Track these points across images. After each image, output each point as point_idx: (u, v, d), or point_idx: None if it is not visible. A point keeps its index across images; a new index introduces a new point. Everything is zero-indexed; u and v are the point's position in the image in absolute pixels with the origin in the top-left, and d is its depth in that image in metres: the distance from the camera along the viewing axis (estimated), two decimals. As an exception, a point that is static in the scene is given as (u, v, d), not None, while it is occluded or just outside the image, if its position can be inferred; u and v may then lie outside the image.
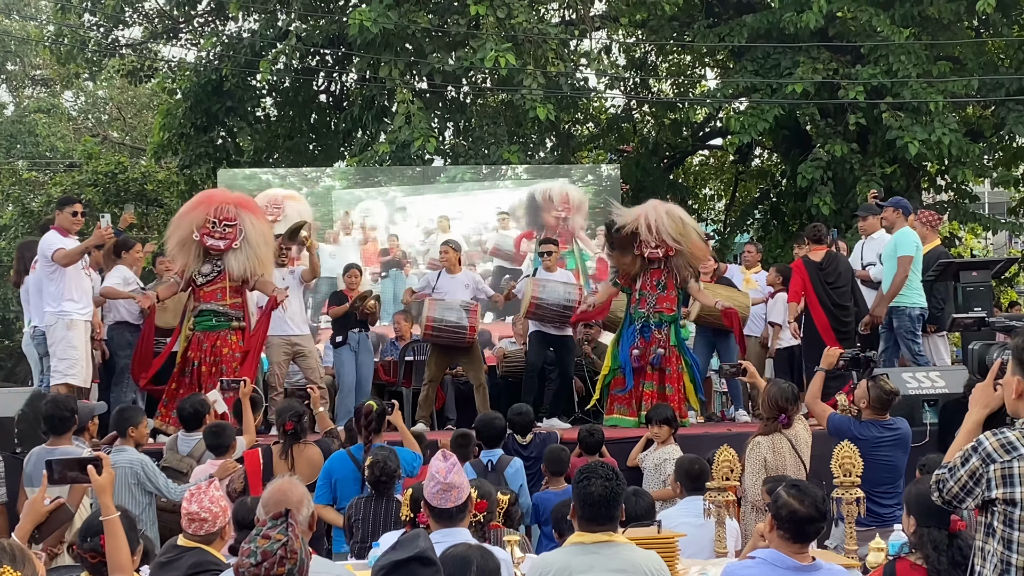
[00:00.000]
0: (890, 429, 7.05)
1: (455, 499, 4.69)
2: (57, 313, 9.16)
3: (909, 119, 15.85)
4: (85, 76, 25.27)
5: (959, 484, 3.72)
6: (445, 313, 10.72)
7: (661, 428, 8.65)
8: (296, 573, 3.38)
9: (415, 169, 16.16)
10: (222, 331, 9.84)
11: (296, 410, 7.44)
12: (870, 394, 7.09)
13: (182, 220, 10.00)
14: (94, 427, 7.94)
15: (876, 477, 6.70)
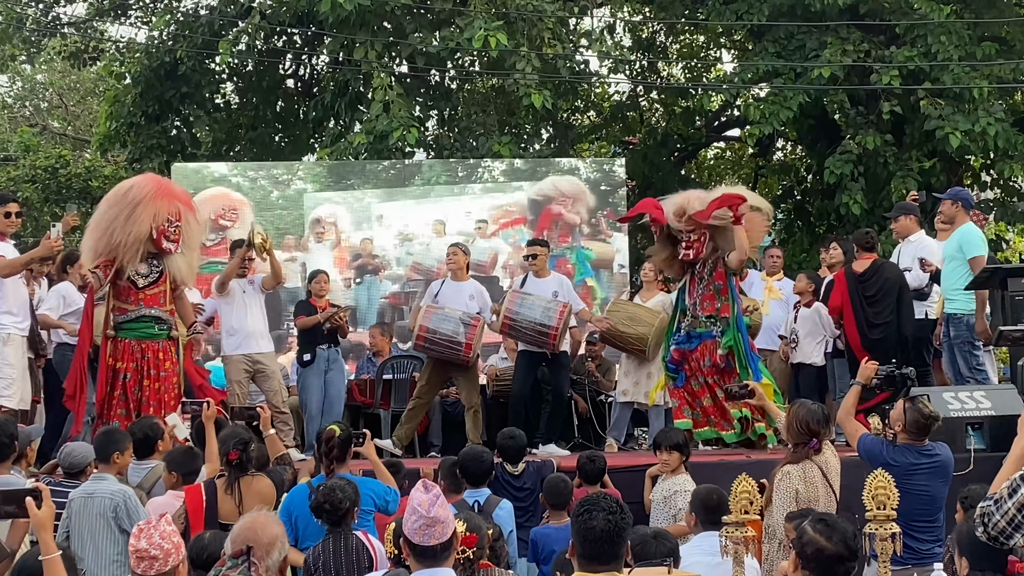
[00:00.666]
0: (927, 456, 7.01)
1: (439, 535, 4.68)
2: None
3: (950, 107, 15.88)
4: (22, 59, 25.22)
5: (1006, 518, 3.73)
6: (441, 324, 10.71)
7: (671, 455, 8.57)
8: (259, 618, 3.38)
9: (393, 165, 16.16)
10: (162, 340, 9.65)
11: (241, 437, 7.34)
12: (906, 417, 7.06)
13: (138, 209, 9.52)
14: (32, 454, 7.93)
15: (912, 509, 6.67)
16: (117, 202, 9.57)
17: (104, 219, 9.49)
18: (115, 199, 9.62)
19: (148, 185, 9.78)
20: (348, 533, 6.42)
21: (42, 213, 23.73)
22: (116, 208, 9.51)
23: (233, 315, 11.02)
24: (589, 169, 16.81)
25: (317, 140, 21.13)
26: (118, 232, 9.40)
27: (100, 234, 9.46)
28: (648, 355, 11.33)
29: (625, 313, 11.47)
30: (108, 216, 9.48)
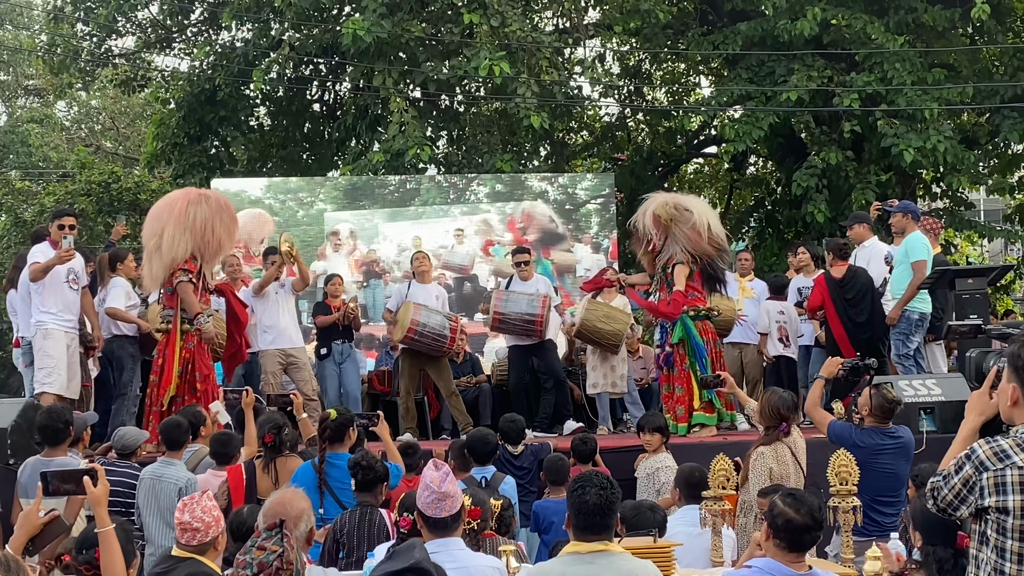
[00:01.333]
0: (892, 437, 7.04)
1: (449, 509, 4.70)
2: (35, 324, 9.30)
3: (904, 126, 15.88)
4: (78, 86, 25.23)
5: (953, 492, 3.73)
6: (430, 318, 10.76)
7: (653, 436, 8.63)
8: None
9: (397, 188, 16.26)
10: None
11: (275, 422, 7.40)
12: (872, 402, 7.08)
13: (232, 224, 9.92)
14: (87, 438, 7.95)
15: (877, 486, 6.69)
16: (223, 218, 9.82)
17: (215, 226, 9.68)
18: (221, 215, 9.80)
19: (224, 206, 9.98)
20: (375, 507, 6.43)
21: (96, 223, 23.75)
22: (220, 221, 9.76)
23: (267, 314, 11.04)
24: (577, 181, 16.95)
25: (340, 158, 21.09)
26: (224, 238, 9.81)
27: (222, 239, 9.73)
28: (620, 351, 11.37)
29: (602, 312, 11.47)
30: (213, 223, 9.68)
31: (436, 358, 10.99)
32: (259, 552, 3.39)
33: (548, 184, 16.73)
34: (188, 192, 10.06)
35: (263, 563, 3.35)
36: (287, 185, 16.67)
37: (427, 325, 10.70)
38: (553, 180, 17.02)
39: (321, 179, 18.19)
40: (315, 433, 8.00)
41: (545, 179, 17.15)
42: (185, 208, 9.69)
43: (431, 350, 10.86)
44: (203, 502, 5.02)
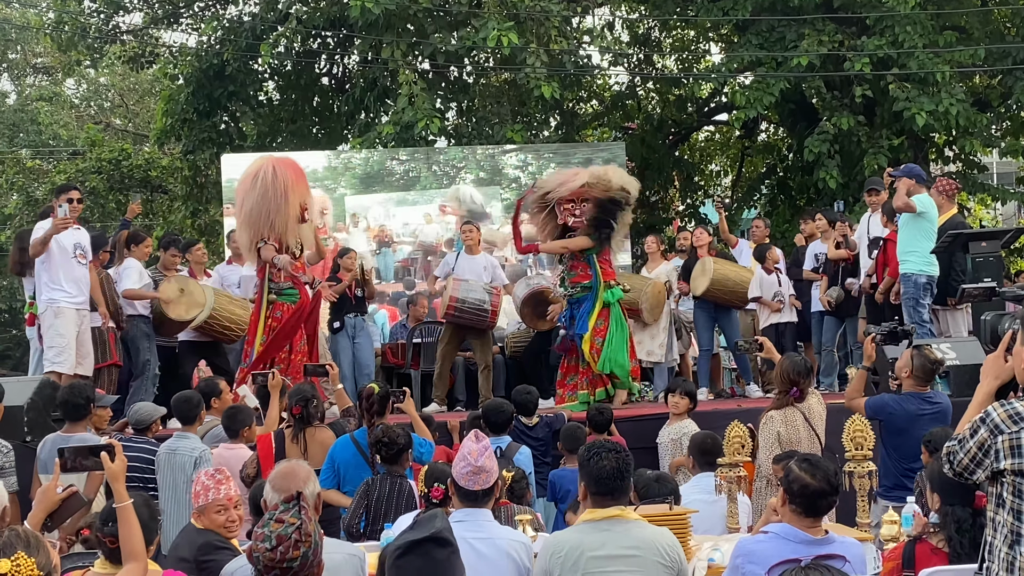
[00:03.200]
0: (930, 403, 6.92)
1: (483, 482, 4.72)
2: (47, 301, 9.17)
3: (916, 90, 15.79)
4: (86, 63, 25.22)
5: (968, 455, 3.72)
6: (469, 293, 10.75)
7: (683, 399, 8.64)
8: (311, 555, 3.40)
9: (404, 174, 16.43)
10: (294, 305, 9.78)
11: (303, 395, 7.43)
12: (913, 363, 6.95)
13: (296, 187, 9.75)
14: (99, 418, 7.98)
15: (915, 453, 6.57)
16: (288, 188, 9.65)
17: (261, 204, 9.57)
18: (287, 184, 9.67)
19: (290, 170, 9.84)
20: (403, 476, 6.45)
21: (107, 200, 23.81)
22: (285, 190, 9.60)
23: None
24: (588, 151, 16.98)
25: (350, 131, 21.09)
26: (285, 212, 9.58)
27: (265, 217, 9.55)
28: (644, 317, 11.35)
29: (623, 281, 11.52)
30: (272, 196, 9.55)
31: (481, 332, 11.03)
32: (277, 525, 3.40)
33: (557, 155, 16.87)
34: (247, 174, 9.85)
35: (282, 536, 3.36)
36: (315, 175, 16.75)
37: (466, 300, 10.71)
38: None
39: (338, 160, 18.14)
40: (350, 404, 8.04)
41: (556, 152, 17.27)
42: (245, 193, 9.69)
43: (474, 324, 10.90)
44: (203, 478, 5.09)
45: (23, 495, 7.08)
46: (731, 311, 11.61)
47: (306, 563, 3.40)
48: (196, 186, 21.02)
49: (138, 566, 4.08)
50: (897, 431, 6.71)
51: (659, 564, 4.43)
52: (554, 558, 4.46)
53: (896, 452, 6.79)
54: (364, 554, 4.72)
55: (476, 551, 4.40)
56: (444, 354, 11.19)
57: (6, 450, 7.19)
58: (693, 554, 5.20)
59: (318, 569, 3.48)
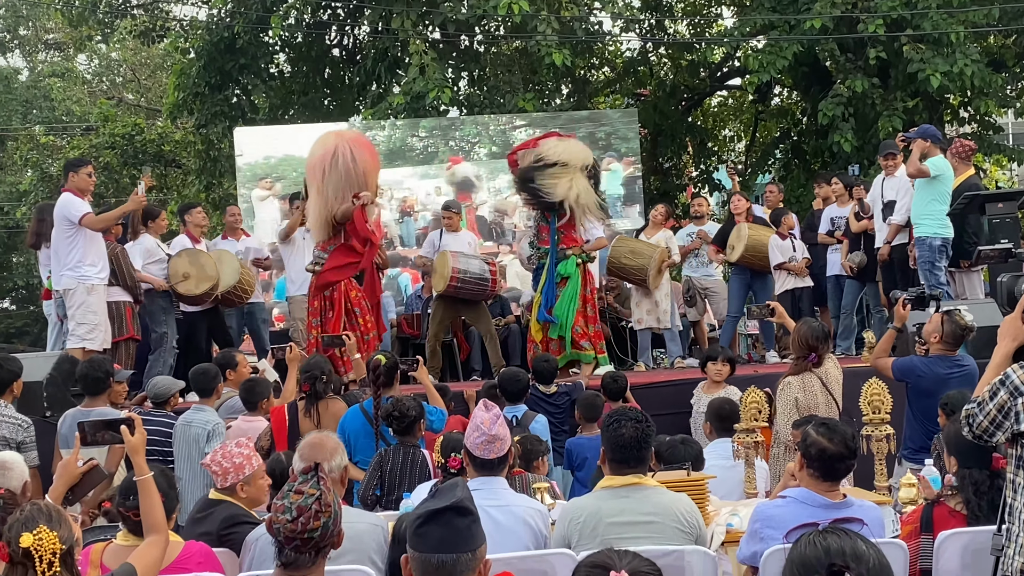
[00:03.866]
0: (958, 366, 6.88)
1: (498, 450, 4.74)
2: (77, 278, 9.14)
3: (930, 51, 15.67)
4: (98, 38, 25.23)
5: (988, 418, 3.72)
6: (469, 264, 10.65)
7: (725, 366, 8.68)
8: (331, 525, 3.42)
9: (425, 150, 16.51)
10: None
11: (312, 372, 7.43)
12: (943, 328, 6.89)
13: (374, 171, 9.93)
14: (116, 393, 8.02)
15: (939, 415, 6.54)
16: (373, 164, 9.85)
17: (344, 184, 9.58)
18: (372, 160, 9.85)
19: (369, 149, 9.96)
20: (416, 446, 6.48)
21: (121, 175, 23.85)
22: (372, 165, 9.79)
23: (295, 261, 11.09)
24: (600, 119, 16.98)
25: (361, 102, 21.04)
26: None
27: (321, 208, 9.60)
28: (649, 284, 11.34)
29: (627, 247, 11.51)
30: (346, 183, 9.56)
31: (474, 303, 10.89)
32: (297, 496, 3.41)
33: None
34: (325, 152, 9.73)
35: (302, 507, 3.38)
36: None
37: (467, 271, 10.59)
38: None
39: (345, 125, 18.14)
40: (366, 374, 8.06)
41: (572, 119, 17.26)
42: (322, 176, 9.62)
43: (475, 295, 10.77)
44: (230, 447, 5.10)
45: (44, 470, 7.13)
46: (767, 277, 11.59)
47: (327, 533, 3.42)
48: (209, 159, 21.02)
49: (160, 538, 4.10)
50: (925, 393, 6.68)
51: (677, 530, 4.44)
52: (573, 524, 4.48)
53: (922, 415, 6.76)
54: (386, 523, 4.74)
55: (493, 519, 4.42)
56: (435, 332, 11.05)
57: (26, 425, 7.25)
58: (711, 519, 5.21)
59: (338, 538, 3.50)
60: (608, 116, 18.03)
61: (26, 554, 3.25)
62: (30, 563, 3.25)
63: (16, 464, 5.17)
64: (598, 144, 16.56)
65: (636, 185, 17.18)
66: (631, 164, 16.97)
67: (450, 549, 2.96)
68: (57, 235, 9.21)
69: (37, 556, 3.25)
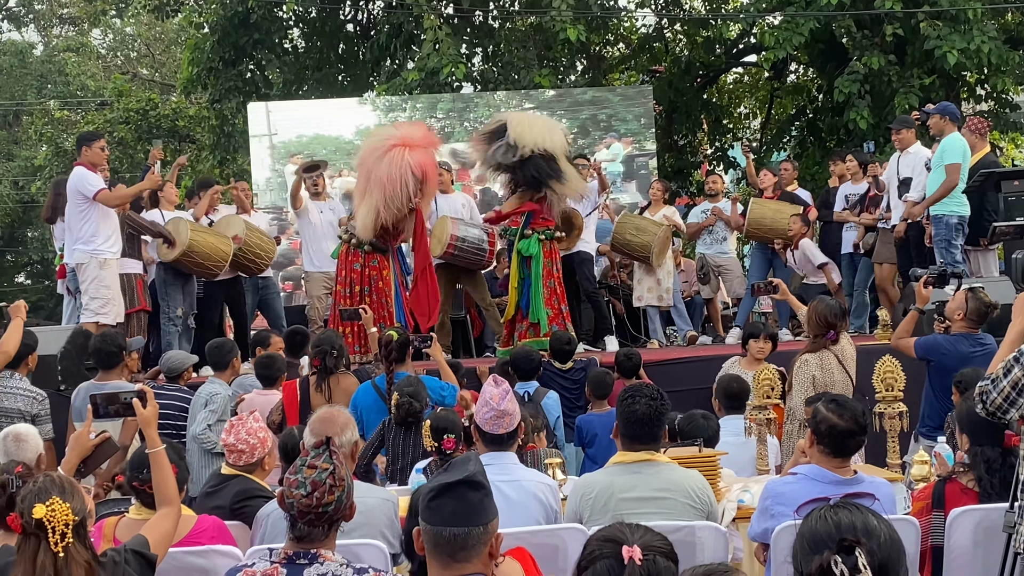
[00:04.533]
0: (980, 344, 6.84)
1: (507, 425, 4.75)
2: (90, 252, 9.13)
3: (947, 28, 15.56)
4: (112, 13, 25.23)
5: (1002, 395, 3.71)
6: (468, 231, 10.52)
7: (767, 343, 8.63)
8: (344, 499, 3.44)
9: (444, 97, 16.28)
10: None
11: (322, 347, 7.43)
12: (968, 306, 6.86)
13: (417, 172, 9.60)
14: (134, 362, 8.06)
15: (963, 393, 6.51)
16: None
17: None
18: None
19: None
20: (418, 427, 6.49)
21: (135, 151, 23.89)
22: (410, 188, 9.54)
23: (311, 236, 11.08)
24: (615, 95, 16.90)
25: (375, 78, 21.01)
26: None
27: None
28: (652, 261, 11.31)
29: (632, 224, 11.47)
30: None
31: (472, 272, 10.76)
32: (310, 471, 3.43)
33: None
34: (393, 146, 9.52)
35: (316, 481, 3.39)
36: (365, 133, 16.67)
37: (465, 239, 10.47)
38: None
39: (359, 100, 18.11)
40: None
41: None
42: (381, 182, 9.40)
43: (471, 263, 10.62)
44: (248, 423, 5.10)
45: (58, 443, 7.17)
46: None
47: (340, 506, 3.44)
48: (223, 135, 21.03)
49: (172, 510, 4.12)
50: (947, 371, 6.64)
51: (688, 506, 4.45)
52: (584, 499, 4.49)
53: (943, 393, 6.72)
54: (396, 498, 4.76)
55: (503, 494, 4.43)
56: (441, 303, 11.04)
57: (41, 398, 7.30)
58: (723, 496, 5.21)
59: (350, 511, 3.52)
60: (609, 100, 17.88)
61: (39, 525, 3.26)
62: (43, 534, 3.27)
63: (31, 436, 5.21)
64: (599, 126, 16.52)
65: (635, 163, 17.10)
66: (630, 144, 16.86)
67: (462, 523, 2.97)
68: (70, 209, 9.21)
69: (50, 527, 3.26)
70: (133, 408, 4.38)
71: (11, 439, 5.29)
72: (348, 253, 9.64)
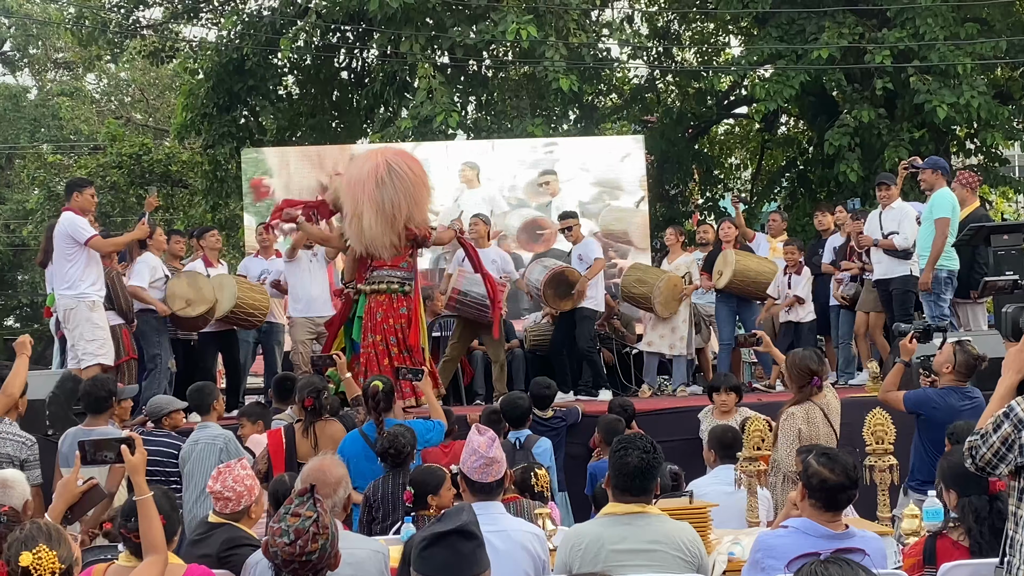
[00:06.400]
0: (969, 397, 6.83)
1: (495, 474, 4.73)
2: (77, 296, 9.18)
3: (937, 82, 15.72)
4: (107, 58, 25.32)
5: (992, 450, 3.71)
6: (472, 287, 10.60)
7: (729, 396, 8.65)
8: (328, 547, 3.42)
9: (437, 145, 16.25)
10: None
11: (315, 386, 7.45)
12: (956, 359, 6.84)
13: (420, 193, 9.80)
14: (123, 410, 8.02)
15: (953, 446, 6.51)
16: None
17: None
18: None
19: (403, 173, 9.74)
20: (405, 472, 6.48)
21: (128, 195, 23.92)
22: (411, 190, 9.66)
23: (299, 282, 11.09)
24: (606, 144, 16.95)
25: (369, 125, 21.12)
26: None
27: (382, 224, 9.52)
28: (658, 311, 11.34)
29: (636, 276, 11.54)
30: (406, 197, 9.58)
31: (488, 327, 10.78)
32: (294, 519, 3.42)
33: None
34: (377, 167, 9.59)
35: (299, 529, 3.38)
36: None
37: (468, 293, 10.57)
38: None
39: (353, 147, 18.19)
40: (359, 392, 8.05)
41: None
42: (375, 190, 9.47)
43: (475, 317, 10.77)
44: (236, 471, 5.06)
45: (46, 488, 7.12)
46: (752, 304, 11.59)
47: (324, 555, 3.42)
48: (216, 180, 21.08)
49: (159, 559, 4.09)
50: (937, 425, 6.64)
51: (679, 559, 4.43)
52: (574, 551, 4.46)
53: (934, 446, 6.71)
54: (387, 549, 4.73)
55: (491, 545, 4.38)
56: (453, 348, 11.10)
57: (31, 443, 7.24)
58: (713, 548, 5.19)
59: (335, 560, 3.50)
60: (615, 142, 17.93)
61: (25, 573, 3.25)
62: (30, 582, 3.25)
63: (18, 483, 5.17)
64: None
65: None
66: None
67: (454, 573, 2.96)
68: (58, 254, 9.26)
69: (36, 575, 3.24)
70: (121, 455, 4.36)
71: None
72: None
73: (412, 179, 9.59)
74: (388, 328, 9.54)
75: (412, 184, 9.57)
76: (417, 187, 9.66)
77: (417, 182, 9.66)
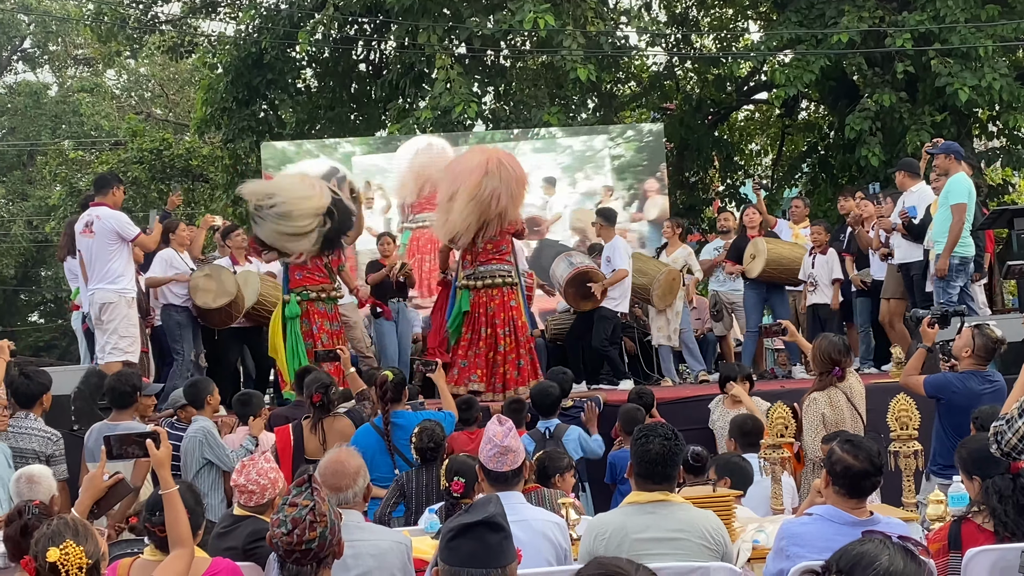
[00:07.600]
0: (989, 381, 6.80)
1: (511, 463, 4.73)
2: (119, 291, 9.21)
3: (958, 65, 15.61)
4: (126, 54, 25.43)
5: (1017, 435, 3.70)
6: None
7: (744, 384, 8.64)
8: (328, 535, 3.43)
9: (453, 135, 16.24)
10: None
11: (323, 381, 7.44)
12: (975, 342, 6.81)
13: (519, 191, 10.35)
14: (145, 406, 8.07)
15: (975, 431, 6.48)
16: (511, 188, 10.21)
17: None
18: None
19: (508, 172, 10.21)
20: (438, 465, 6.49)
21: (149, 190, 24.02)
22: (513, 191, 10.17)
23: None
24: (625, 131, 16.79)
25: (387, 117, 21.13)
26: None
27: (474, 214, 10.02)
28: (653, 303, 11.35)
29: (636, 267, 11.52)
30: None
31: None
32: (291, 509, 3.44)
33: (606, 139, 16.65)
34: (488, 160, 10.09)
35: (296, 519, 3.40)
36: (377, 168, 16.59)
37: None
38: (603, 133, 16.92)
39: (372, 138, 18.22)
40: (363, 387, 8.07)
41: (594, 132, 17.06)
42: (480, 178, 9.90)
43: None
44: (259, 464, 5.09)
45: (72, 483, 7.17)
46: (783, 290, 11.55)
47: (324, 543, 3.43)
48: (237, 174, 21.12)
49: (185, 552, 4.11)
50: (958, 409, 6.62)
51: (703, 547, 4.42)
52: (598, 540, 4.46)
53: (954, 431, 6.69)
54: (410, 540, 4.74)
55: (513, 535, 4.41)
56: None
57: (56, 438, 7.30)
58: (737, 536, 5.18)
59: (338, 548, 3.51)
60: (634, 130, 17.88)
61: (52, 569, 3.27)
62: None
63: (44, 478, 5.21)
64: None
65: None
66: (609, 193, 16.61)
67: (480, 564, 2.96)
68: (99, 248, 9.20)
69: (63, 571, 3.27)
70: (147, 449, 4.38)
71: (24, 480, 5.30)
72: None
73: (516, 178, 10.11)
74: (500, 322, 9.96)
75: (515, 181, 10.08)
76: (520, 185, 10.20)
77: (520, 182, 10.23)
